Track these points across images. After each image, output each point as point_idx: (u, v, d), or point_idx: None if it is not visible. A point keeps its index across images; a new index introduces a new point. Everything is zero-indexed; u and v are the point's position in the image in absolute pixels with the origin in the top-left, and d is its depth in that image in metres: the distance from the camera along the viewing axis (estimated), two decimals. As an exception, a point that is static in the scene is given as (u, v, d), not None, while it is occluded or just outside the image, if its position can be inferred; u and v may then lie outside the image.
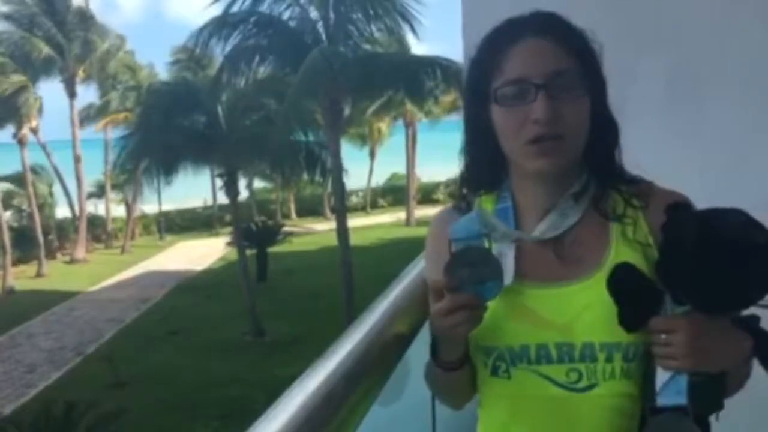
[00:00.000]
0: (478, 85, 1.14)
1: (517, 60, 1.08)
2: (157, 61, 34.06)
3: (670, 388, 1.04)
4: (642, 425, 1.08)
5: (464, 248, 1.09)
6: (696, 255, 0.95)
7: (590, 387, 1.09)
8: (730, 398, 1.07)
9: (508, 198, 1.19)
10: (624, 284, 1.03)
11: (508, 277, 1.11)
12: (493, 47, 1.12)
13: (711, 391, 1.01)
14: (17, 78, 27.53)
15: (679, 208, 1.02)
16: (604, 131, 1.14)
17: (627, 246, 1.11)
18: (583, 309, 1.08)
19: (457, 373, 1.18)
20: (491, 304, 1.09)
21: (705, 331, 0.99)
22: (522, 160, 1.11)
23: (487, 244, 1.11)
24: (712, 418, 1.05)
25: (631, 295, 1.03)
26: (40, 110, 30.29)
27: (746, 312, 1.03)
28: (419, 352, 1.26)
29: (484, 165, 1.20)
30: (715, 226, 0.95)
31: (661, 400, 1.05)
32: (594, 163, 1.15)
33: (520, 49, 1.08)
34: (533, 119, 1.06)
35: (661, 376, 1.08)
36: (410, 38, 18.66)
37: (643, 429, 1.07)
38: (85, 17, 30.22)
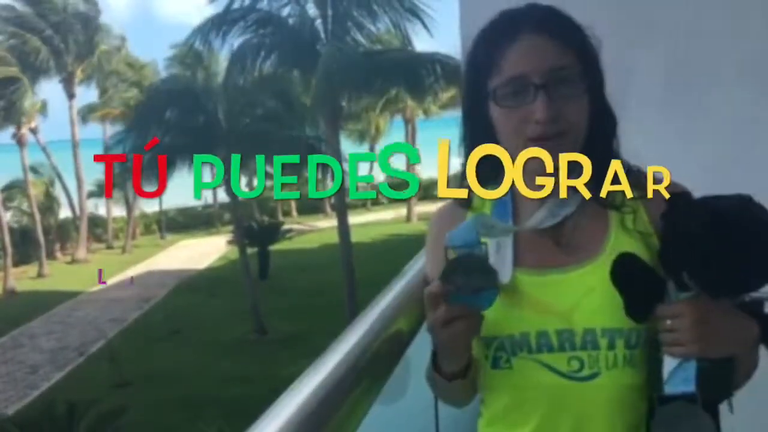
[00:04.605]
0: (476, 82, 1.12)
1: (515, 57, 1.06)
2: (148, 60, 33.63)
3: (678, 376, 1.03)
4: (650, 416, 1.06)
5: (461, 256, 1.07)
6: (703, 236, 0.95)
7: (592, 376, 1.08)
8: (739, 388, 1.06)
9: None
10: (628, 274, 1.03)
11: (507, 271, 1.11)
12: (490, 43, 1.10)
13: (719, 376, 1.00)
14: (8, 69, 27.29)
15: (680, 196, 1.03)
16: (602, 124, 1.13)
17: (626, 235, 1.11)
18: (584, 295, 1.08)
19: (460, 382, 1.15)
20: None
21: (710, 315, 0.98)
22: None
23: (485, 248, 1.09)
24: (725, 408, 1.04)
25: (636, 285, 1.03)
26: (42, 111, 30.27)
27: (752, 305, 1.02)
28: (421, 349, 1.26)
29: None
30: (722, 208, 0.95)
31: (669, 389, 1.04)
32: (592, 155, 1.12)
33: (517, 47, 1.06)
34: (534, 120, 1.05)
35: (669, 367, 1.07)
36: (424, 35, 18.30)
37: (652, 419, 1.05)
38: (85, 17, 30.16)
